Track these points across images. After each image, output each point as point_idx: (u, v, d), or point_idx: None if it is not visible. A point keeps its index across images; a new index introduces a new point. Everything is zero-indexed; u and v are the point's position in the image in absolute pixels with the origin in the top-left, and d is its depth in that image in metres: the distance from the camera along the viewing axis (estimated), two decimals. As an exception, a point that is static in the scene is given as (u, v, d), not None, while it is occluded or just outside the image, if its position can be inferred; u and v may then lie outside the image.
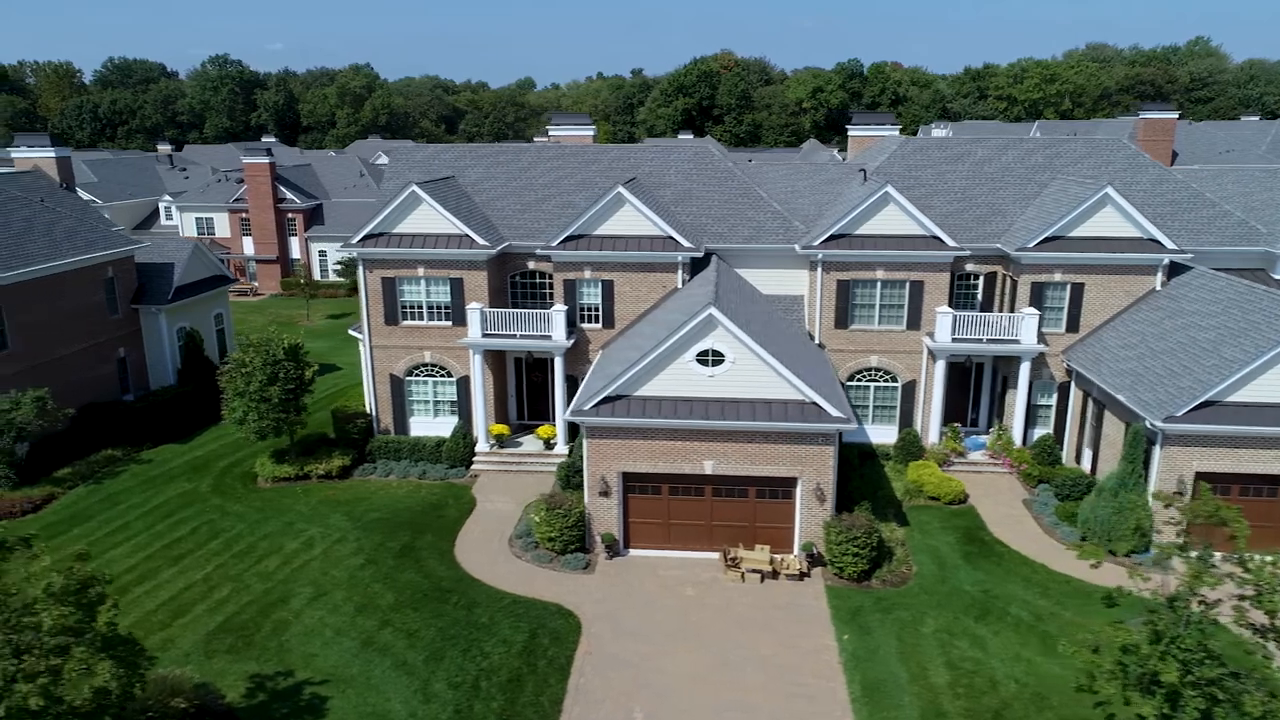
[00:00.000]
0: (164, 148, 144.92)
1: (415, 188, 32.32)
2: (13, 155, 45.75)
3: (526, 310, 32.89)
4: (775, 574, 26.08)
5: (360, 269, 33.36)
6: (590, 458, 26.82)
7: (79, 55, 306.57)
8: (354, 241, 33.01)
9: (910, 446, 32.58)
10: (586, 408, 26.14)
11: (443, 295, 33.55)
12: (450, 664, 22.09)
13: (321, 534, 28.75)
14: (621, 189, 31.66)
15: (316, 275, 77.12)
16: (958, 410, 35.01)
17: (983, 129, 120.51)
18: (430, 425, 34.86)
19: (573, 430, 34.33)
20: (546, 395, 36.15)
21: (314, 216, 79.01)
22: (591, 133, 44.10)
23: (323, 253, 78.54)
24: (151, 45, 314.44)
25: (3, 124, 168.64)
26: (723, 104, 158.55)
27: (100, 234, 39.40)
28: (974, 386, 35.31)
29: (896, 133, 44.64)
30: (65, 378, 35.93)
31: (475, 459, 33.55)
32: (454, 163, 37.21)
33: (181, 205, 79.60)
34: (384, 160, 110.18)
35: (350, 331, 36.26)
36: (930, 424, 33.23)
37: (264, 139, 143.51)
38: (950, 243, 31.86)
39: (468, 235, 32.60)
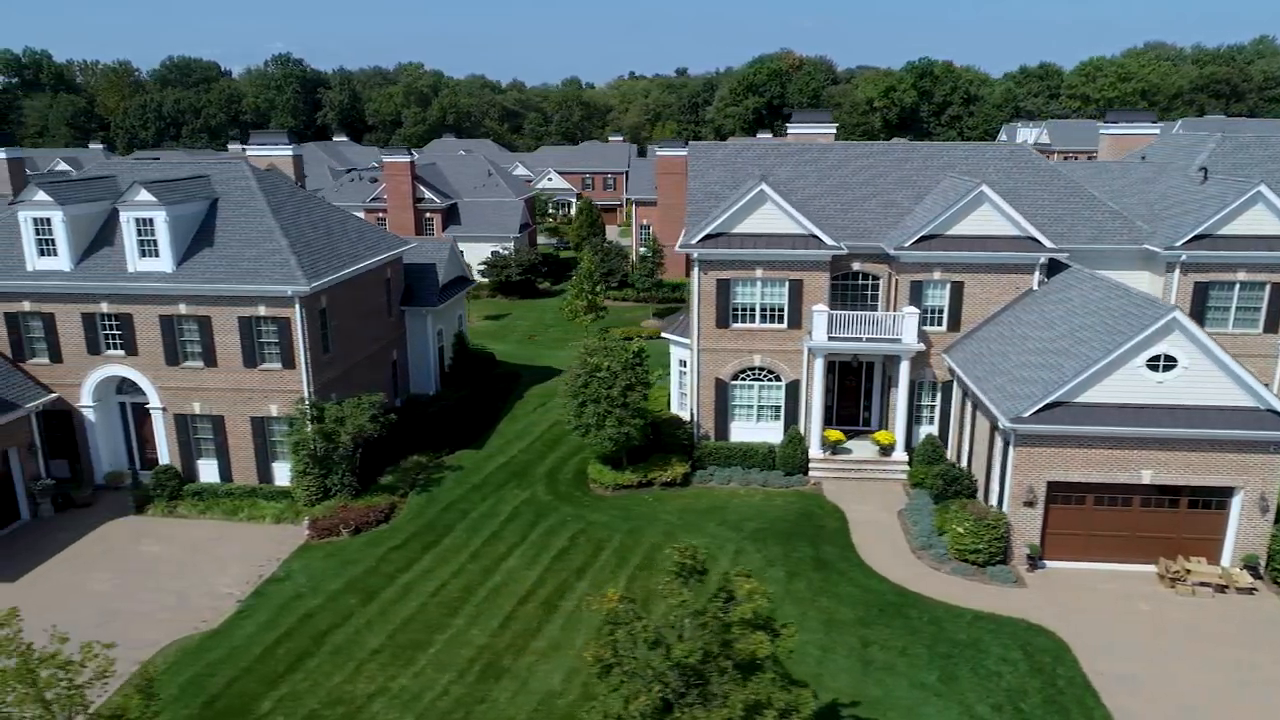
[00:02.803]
0: (234, 147, 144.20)
1: (764, 187, 31.35)
2: (248, 153, 44.72)
3: (874, 312, 31.91)
4: (1223, 588, 25.08)
5: (695, 271, 32.33)
6: (1018, 466, 25.83)
7: (77, 53, 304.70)
8: (693, 241, 31.99)
9: (1267, 453, 31.56)
10: (1025, 415, 25.16)
11: (778, 297, 32.54)
12: (968, 684, 21.10)
13: (713, 544, 27.72)
14: (985, 188, 30.66)
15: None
16: None
17: (1075, 129, 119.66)
18: (751, 430, 33.86)
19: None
20: (858, 399, 35.19)
21: (450, 216, 78.00)
22: (833, 130, 43.14)
23: (460, 253, 77.34)
24: (150, 44, 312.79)
25: (64, 123, 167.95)
26: (793, 102, 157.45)
27: (379, 234, 38.42)
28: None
29: (1158, 131, 43.62)
30: (363, 382, 34.94)
31: (811, 465, 32.55)
32: (757, 161, 36.21)
33: (316, 205, 78.34)
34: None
35: (665, 335, 35.26)
36: (1289, 430, 32.18)
37: (335, 139, 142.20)
38: (1322, 243, 30.88)
39: (814, 235, 31.61)
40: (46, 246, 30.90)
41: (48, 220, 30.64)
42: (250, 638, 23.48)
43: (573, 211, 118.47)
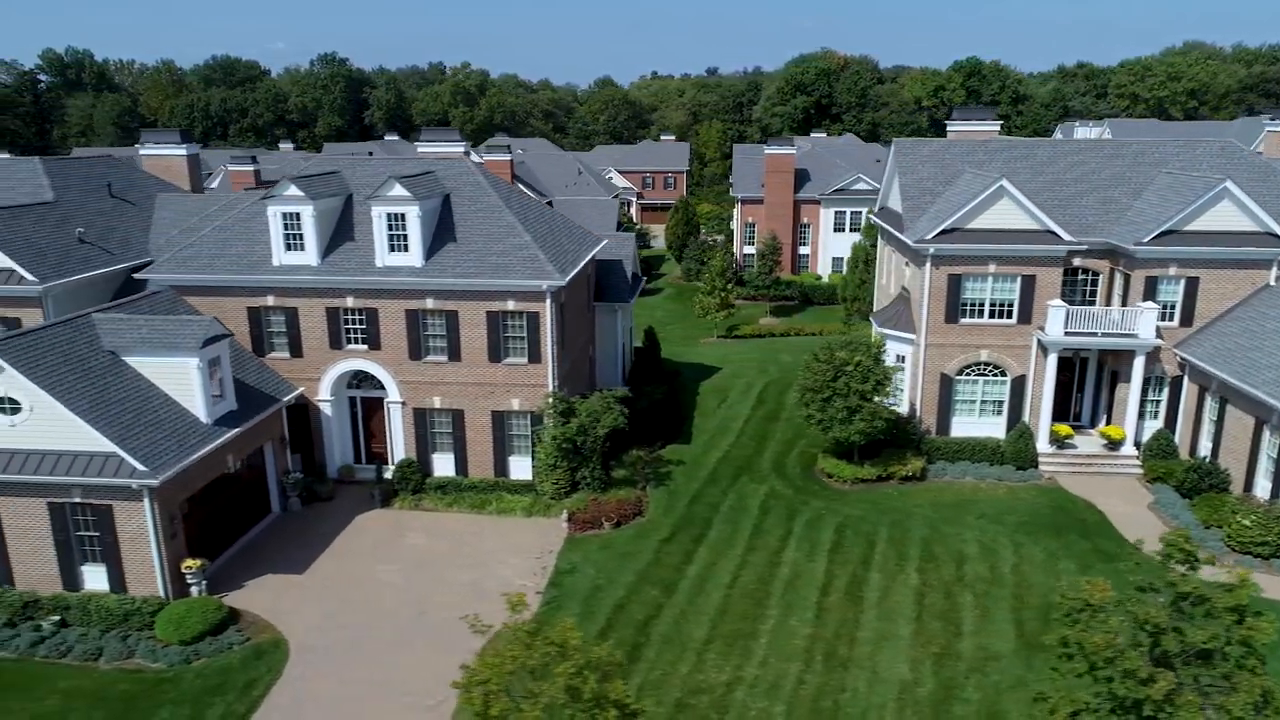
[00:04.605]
0: (286, 146, 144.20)
1: (1004, 183, 31.57)
2: (419, 149, 44.87)
3: (1109, 308, 32.10)
4: None
5: (927, 266, 32.51)
6: (1306, 459, 26.04)
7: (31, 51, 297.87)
8: (928, 237, 32.16)
9: None
10: (1321, 408, 25.38)
11: (1009, 292, 32.72)
12: (1322, 673, 21.27)
13: (985, 537, 27.93)
14: (1229, 184, 30.87)
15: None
16: None
17: (1139, 128, 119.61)
18: (972, 426, 34.02)
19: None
20: (1070, 394, 35.36)
21: (546, 214, 77.97)
22: (997, 126, 43.24)
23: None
24: (153, 44, 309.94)
25: (110, 123, 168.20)
26: (842, 102, 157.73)
27: (581, 229, 38.62)
28: None
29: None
30: (578, 377, 35.16)
31: (1040, 460, 32.73)
32: (965, 157, 36.44)
33: (413, 203, 78.52)
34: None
35: (881, 330, 35.39)
36: None
37: (386, 138, 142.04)
38: None
39: (1051, 231, 31.81)
40: (294, 241, 31.11)
41: (297, 215, 30.84)
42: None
43: (632, 210, 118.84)
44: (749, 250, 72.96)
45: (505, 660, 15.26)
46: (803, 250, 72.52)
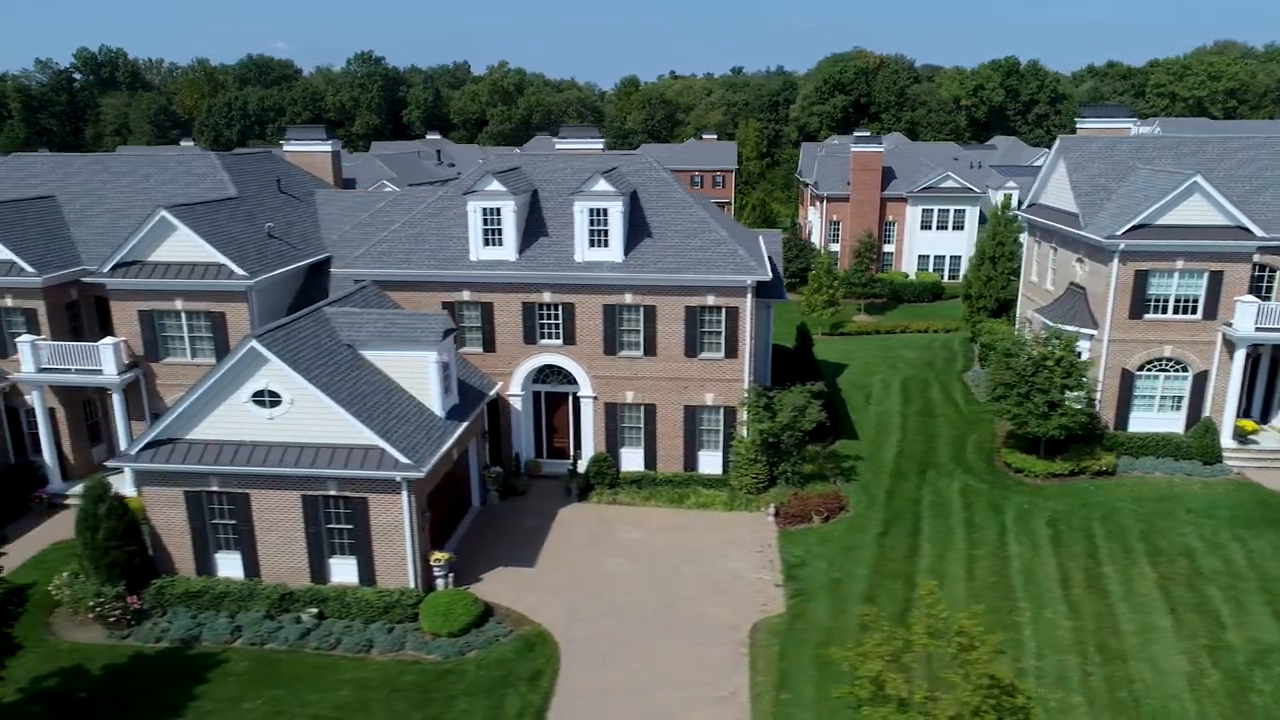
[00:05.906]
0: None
1: (1198, 179, 31.67)
2: (558, 146, 44.99)
3: (1299, 303, 32.24)
4: None
5: (1114, 262, 32.61)
6: None
7: (65, 50, 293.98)
8: (1117, 233, 32.27)
9: None
10: None
11: (1194, 289, 32.83)
12: None
13: (1206, 532, 28.02)
14: None
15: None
16: None
17: (1192, 126, 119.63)
18: (1149, 421, 34.14)
19: (1314, 426, 33.64)
20: (1249, 390, 35.48)
21: (624, 212, 78.02)
22: (1130, 124, 43.34)
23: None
24: (151, 43, 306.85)
25: (146, 121, 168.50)
26: (880, 101, 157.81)
27: (739, 225, 38.69)
28: None
29: None
30: (751, 372, 35.21)
31: (1225, 455, 32.84)
32: (1134, 154, 36.56)
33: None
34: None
35: (1056, 325, 35.45)
36: None
37: (429, 136, 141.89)
38: None
39: (1243, 227, 31.92)
40: (492, 236, 31.22)
41: (497, 211, 30.96)
42: (833, 619, 23.78)
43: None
44: (833, 248, 73.06)
45: (912, 649, 15.39)
46: (887, 248, 72.61)
